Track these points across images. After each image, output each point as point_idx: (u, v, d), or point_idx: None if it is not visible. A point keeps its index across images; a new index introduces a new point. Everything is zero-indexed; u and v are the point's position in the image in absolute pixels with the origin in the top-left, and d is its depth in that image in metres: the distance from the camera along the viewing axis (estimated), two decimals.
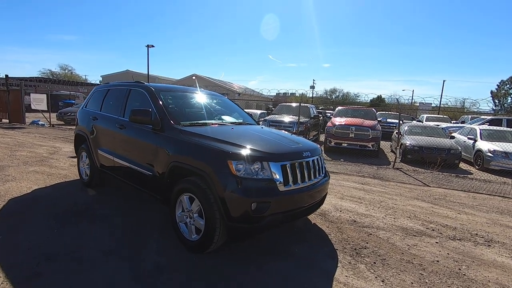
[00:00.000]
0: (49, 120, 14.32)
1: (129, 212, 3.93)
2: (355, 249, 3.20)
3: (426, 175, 7.60)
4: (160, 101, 3.58)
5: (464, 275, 2.83)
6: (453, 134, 11.62)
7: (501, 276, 2.85)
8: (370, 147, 10.00)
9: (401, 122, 15.80)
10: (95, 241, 3.09)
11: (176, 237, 3.11)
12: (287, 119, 11.29)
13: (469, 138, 10.01)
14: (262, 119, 11.98)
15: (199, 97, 4.28)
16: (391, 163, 8.94)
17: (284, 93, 52.02)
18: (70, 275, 2.49)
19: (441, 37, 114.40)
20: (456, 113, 28.92)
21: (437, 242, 3.50)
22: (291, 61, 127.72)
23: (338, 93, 56.39)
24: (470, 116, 18.25)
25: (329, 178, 3.57)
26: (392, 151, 11.43)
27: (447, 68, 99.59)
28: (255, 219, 2.65)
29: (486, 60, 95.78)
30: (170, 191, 3.11)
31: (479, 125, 12.23)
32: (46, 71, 50.10)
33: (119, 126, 3.92)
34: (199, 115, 3.85)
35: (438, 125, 14.37)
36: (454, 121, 20.21)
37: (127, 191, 4.74)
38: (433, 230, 3.87)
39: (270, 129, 4.00)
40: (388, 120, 13.52)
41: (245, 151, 2.75)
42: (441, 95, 36.64)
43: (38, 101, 14.27)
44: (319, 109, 25.73)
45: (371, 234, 3.60)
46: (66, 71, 52.37)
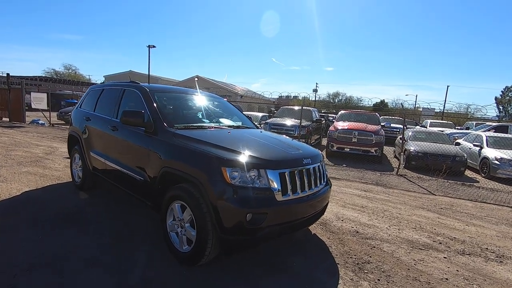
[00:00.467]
0: (49, 120, 14.21)
1: (120, 217, 3.74)
2: (357, 263, 2.99)
3: (431, 182, 7.37)
4: (154, 102, 3.40)
5: None
6: (458, 141, 11.38)
7: None
8: (373, 152, 9.77)
9: (405, 127, 15.61)
10: (80, 250, 2.90)
11: (166, 247, 2.92)
12: (288, 122, 11.10)
13: (474, 145, 9.76)
14: (264, 122, 11.79)
15: (196, 98, 4.11)
16: (394, 169, 8.72)
17: (287, 96, 51.87)
18: None
19: (445, 42, 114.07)
20: (460, 119, 28.59)
21: (445, 257, 3.28)
22: (295, 64, 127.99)
23: (341, 96, 56.09)
24: (475, 123, 17.98)
25: (330, 187, 3.37)
26: (395, 156, 11.19)
27: (451, 74, 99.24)
28: (250, 231, 2.45)
29: (491, 66, 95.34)
30: (161, 198, 2.93)
31: (485, 131, 11.99)
32: (50, 71, 50.32)
33: (111, 128, 3.75)
34: (195, 117, 3.68)
35: (442, 130, 14.13)
36: (459, 127, 19.94)
37: (119, 195, 4.55)
38: (441, 243, 3.65)
39: (269, 133, 3.81)
40: (392, 125, 13.28)
41: (240, 158, 2.56)
42: (445, 100, 36.38)
43: (39, 100, 14.19)
44: (321, 112, 25.56)
45: (374, 247, 3.39)
46: (70, 71, 52.56)
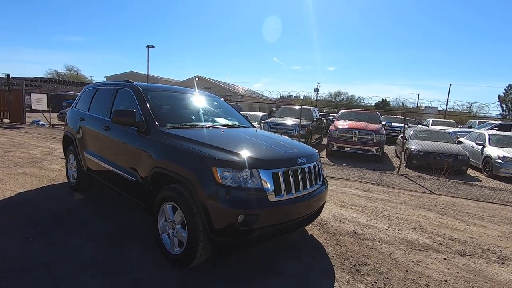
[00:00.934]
0: (49, 120, 14.22)
1: (113, 219, 3.68)
2: (354, 265, 2.91)
3: (433, 182, 7.26)
4: (147, 101, 3.33)
5: None
6: (460, 139, 11.25)
7: None
8: (374, 151, 9.67)
9: (406, 126, 15.47)
10: (71, 252, 2.84)
11: (158, 249, 2.85)
12: (288, 122, 11.01)
13: (477, 144, 9.64)
14: (263, 121, 11.71)
15: (191, 98, 4.04)
16: (395, 168, 8.61)
17: (289, 96, 51.71)
18: None
19: (448, 41, 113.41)
20: (463, 117, 28.36)
21: (445, 259, 3.19)
22: (296, 64, 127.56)
23: (342, 96, 55.82)
24: (477, 121, 17.80)
25: (327, 186, 3.29)
26: (397, 155, 11.07)
27: (453, 72, 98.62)
28: (242, 233, 2.38)
29: (494, 64, 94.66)
30: (153, 199, 2.86)
31: (487, 130, 11.84)
32: (52, 72, 50.47)
33: (104, 128, 3.69)
34: (188, 117, 3.61)
35: (444, 129, 13.98)
36: (461, 126, 19.75)
37: (114, 196, 4.49)
38: (441, 244, 3.56)
39: (265, 132, 3.73)
40: (393, 124, 13.16)
41: (232, 157, 2.49)
42: (447, 99, 36.07)
43: (39, 101, 14.19)
44: (323, 112, 25.41)
45: (372, 248, 3.31)
46: (72, 72, 52.68)
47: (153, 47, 26.17)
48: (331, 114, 22.36)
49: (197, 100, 4.08)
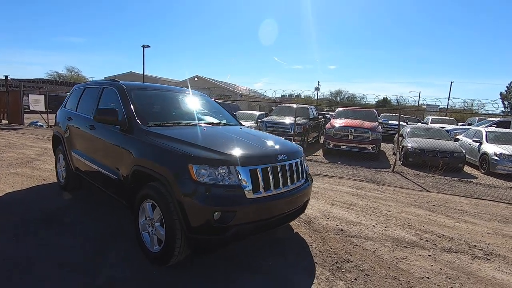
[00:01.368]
0: (47, 121, 14.28)
1: (100, 218, 3.68)
2: (336, 262, 2.90)
3: (427, 179, 7.22)
4: (130, 100, 3.33)
5: None
6: (458, 137, 11.18)
7: None
8: (370, 149, 9.63)
9: (405, 123, 15.38)
10: (53, 251, 2.84)
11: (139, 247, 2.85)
12: (284, 120, 10.98)
13: (474, 141, 9.57)
14: (260, 120, 11.69)
15: (178, 96, 4.03)
16: (391, 166, 8.57)
17: (290, 95, 51.60)
18: None
19: (449, 38, 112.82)
20: (464, 115, 28.19)
21: (429, 255, 3.17)
22: (297, 63, 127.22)
23: (343, 94, 55.71)
24: (477, 118, 17.70)
25: (311, 183, 3.27)
26: (394, 153, 11.02)
27: (455, 70, 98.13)
28: (218, 230, 2.37)
29: (496, 61, 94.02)
30: (134, 197, 2.86)
31: (486, 127, 11.76)
32: (53, 73, 50.61)
33: (89, 127, 3.70)
34: (172, 115, 3.60)
35: (443, 127, 13.90)
36: (461, 123, 19.64)
37: (102, 195, 4.48)
38: (427, 241, 3.54)
39: (249, 130, 3.71)
40: (390, 122, 13.09)
41: (209, 154, 2.48)
42: (449, 96, 35.87)
43: (37, 102, 14.26)
44: (324, 111, 25.34)
45: (357, 245, 3.29)
46: (73, 73, 52.77)
47: (148, 47, 26.18)
48: (330, 112, 22.30)
49: (184, 98, 4.07)
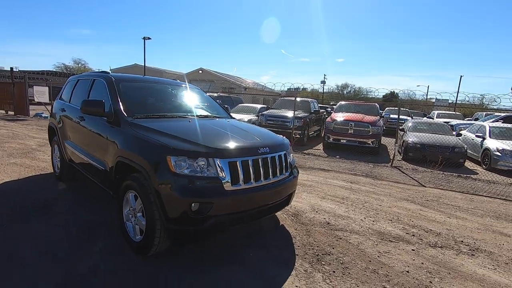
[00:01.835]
0: (50, 113, 14.46)
1: (90, 208, 3.75)
2: (317, 255, 2.91)
3: (425, 174, 7.15)
4: (117, 92, 3.36)
5: None
6: (461, 132, 11.00)
7: None
8: (370, 144, 9.55)
9: (410, 118, 15.13)
10: (39, 240, 2.91)
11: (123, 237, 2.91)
12: (284, 113, 10.93)
13: (477, 136, 9.41)
14: (261, 113, 11.67)
15: (168, 89, 4.05)
16: (391, 161, 8.50)
17: (296, 88, 51.18)
18: None
19: (460, 31, 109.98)
20: (474, 109, 27.64)
21: (413, 250, 3.16)
22: (305, 56, 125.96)
23: (350, 88, 55.05)
24: (484, 113, 17.34)
25: (296, 176, 3.28)
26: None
27: (466, 63, 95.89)
28: (196, 221, 2.40)
29: (507, 55, 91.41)
30: (119, 187, 2.91)
31: (492, 122, 11.52)
32: (60, 65, 51.06)
33: (79, 118, 3.75)
34: (159, 107, 3.62)
35: (449, 121, 13.67)
36: (468, 118, 19.27)
37: (95, 185, 4.57)
38: (413, 235, 3.53)
39: (236, 122, 3.71)
40: (392, 116, 12.93)
41: (188, 146, 2.50)
42: (458, 90, 35.22)
43: (41, 93, 14.45)
44: (330, 104, 25.09)
45: (340, 239, 3.30)
46: (80, 65, 53.16)
47: (149, 39, 26.27)
48: (334, 106, 22.08)
49: (174, 91, 4.08)
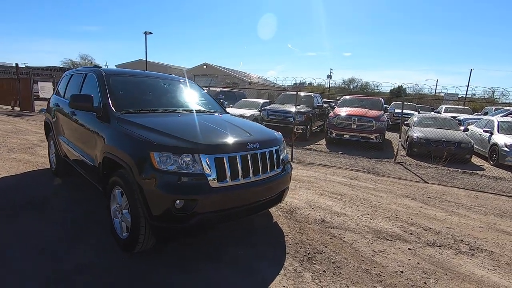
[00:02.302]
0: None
1: (84, 205, 3.72)
2: (308, 254, 2.83)
3: (429, 170, 6.97)
4: (107, 86, 3.29)
5: None
6: (468, 127, 10.72)
7: None
8: (374, 139, 9.36)
9: (417, 112, 14.81)
10: (29, 237, 2.89)
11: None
12: (287, 108, 10.80)
13: (485, 131, 9.14)
14: (263, 108, 11.55)
15: (160, 83, 3.97)
16: (394, 156, 8.32)
17: (302, 83, 50.70)
18: None
19: (471, 23, 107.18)
20: (484, 104, 26.97)
21: (410, 249, 3.05)
22: (311, 50, 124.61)
23: (356, 82, 54.25)
24: (494, 107, 16.88)
25: (288, 172, 3.18)
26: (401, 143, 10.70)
27: (476, 57, 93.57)
28: (180, 218, 2.34)
29: None
30: (107, 184, 2.86)
31: (501, 116, 11.18)
32: (67, 61, 51.51)
33: (71, 113, 3.71)
34: (150, 102, 3.55)
35: (456, 116, 13.36)
36: (477, 113, 18.80)
37: (89, 181, 4.55)
38: (411, 234, 3.41)
39: (229, 117, 3.61)
40: (397, 111, 12.66)
41: (173, 142, 2.43)
42: (468, 84, 34.42)
43: (45, 89, 14.58)
44: (336, 99, 24.78)
45: (334, 237, 3.21)
46: (86, 61, 53.53)
47: (150, 33, 26.35)
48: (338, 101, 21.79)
49: (167, 85, 4.01)
